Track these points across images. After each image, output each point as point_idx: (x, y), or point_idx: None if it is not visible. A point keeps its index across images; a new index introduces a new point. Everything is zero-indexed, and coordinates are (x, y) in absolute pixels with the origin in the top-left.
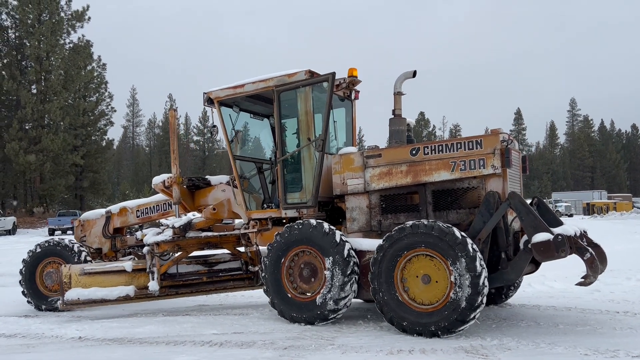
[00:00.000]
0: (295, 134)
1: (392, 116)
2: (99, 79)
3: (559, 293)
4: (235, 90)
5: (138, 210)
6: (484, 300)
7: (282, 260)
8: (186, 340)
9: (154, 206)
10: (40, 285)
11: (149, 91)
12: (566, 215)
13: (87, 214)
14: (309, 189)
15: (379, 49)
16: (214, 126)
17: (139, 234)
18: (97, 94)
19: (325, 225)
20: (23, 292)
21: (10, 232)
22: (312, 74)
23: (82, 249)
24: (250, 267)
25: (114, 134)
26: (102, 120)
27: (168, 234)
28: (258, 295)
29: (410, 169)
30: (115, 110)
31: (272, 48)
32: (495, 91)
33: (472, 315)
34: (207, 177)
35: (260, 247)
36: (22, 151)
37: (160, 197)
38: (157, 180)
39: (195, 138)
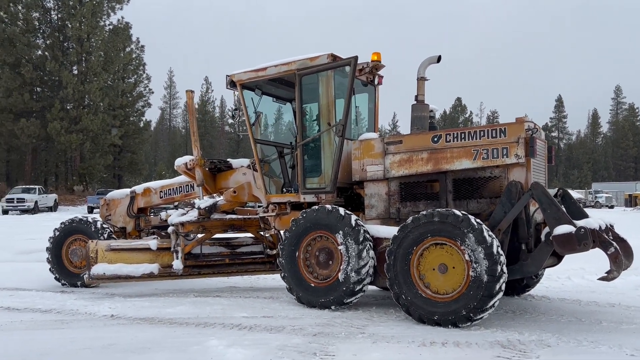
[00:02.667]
0: (316, 119)
1: (415, 102)
2: (137, 61)
3: (600, 288)
4: (258, 73)
5: (161, 191)
6: (505, 269)
7: (297, 253)
8: (216, 322)
9: (176, 187)
10: (67, 262)
11: (186, 73)
12: (606, 206)
13: (113, 194)
14: (328, 175)
15: (417, 35)
16: (236, 109)
17: (163, 214)
18: (135, 76)
19: (327, 206)
20: (50, 270)
21: (52, 208)
22: (334, 57)
23: (105, 226)
24: (268, 250)
25: (152, 115)
26: (140, 102)
27: (193, 215)
28: None
29: (431, 156)
30: (152, 92)
31: (311, 31)
32: (536, 78)
33: (497, 287)
34: (228, 159)
35: (281, 232)
36: (64, 130)
37: (183, 178)
38: (179, 162)
39: (230, 121)
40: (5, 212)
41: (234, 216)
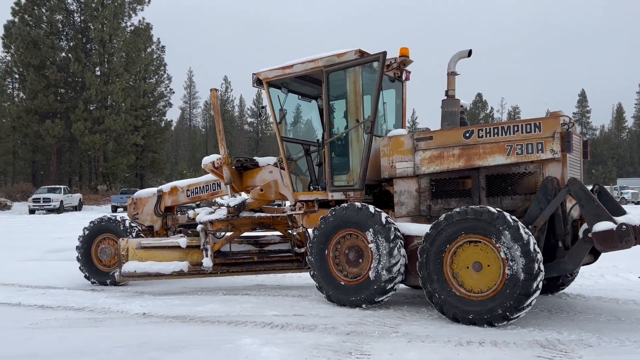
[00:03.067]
0: (343, 116)
1: (445, 97)
2: (157, 61)
3: (637, 286)
4: (284, 71)
5: (188, 190)
6: (542, 267)
7: (326, 251)
8: (247, 320)
9: (203, 186)
10: (96, 261)
11: (205, 73)
12: (633, 202)
13: (140, 193)
14: (356, 172)
15: (438, 28)
16: (263, 107)
17: (190, 212)
18: (156, 76)
19: (357, 204)
20: (80, 268)
21: (77, 208)
22: (362, 53)
23: (133, 225)
24: (296, 248)
25: (172, 115)
26: (161, 102)
27: (222, 213)
28: None
29: (463, 152)
30: (173, 92)
31: (331, 28)
32: (558, 72)
33: (534, 285)
34: (254, 158)
35: (309, 230)
36: (87, 131)
37: (209, 177)
38: (206, 160)
39: (249, 120)
40: (32, 211)
41: (262, 214)
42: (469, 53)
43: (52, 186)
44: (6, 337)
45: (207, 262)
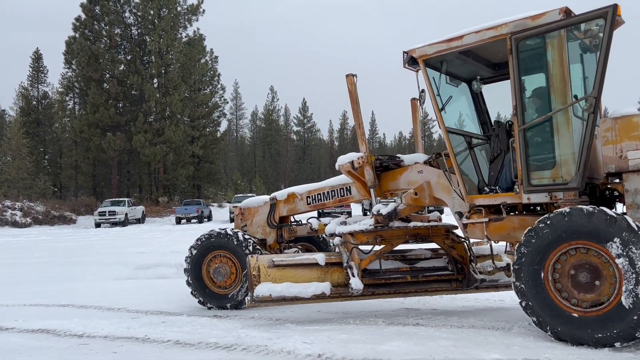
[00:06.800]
0: (533, 95)
1: None
2: (211, 72)
3: None
4: (450, 44)
5: (309, 197)
6: None
7: (542, 274)
8: None
9: (328, 192)
10: (209, 282)
11: (250, 84)
12: None
13: (248, 201)
14: (568, 166)
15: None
16: (422, 91)
17: (314, 222)
18: (210, 87)
19: (585, 207)
20: (192, 293)
21: (140, 220)
22: (568, 13)
23: (247, 237)
24: (474, 268)
25: (221, 126)
26: (216, 112)
27: (367, 223)
28: (462, 297)
29: None
30: (227, 102)
31: (366, 44)
32: (620, 65)
33: None
34: (398, 155)
35: (493, 243)
36: (148, 143)
37: (335, 181)
38: (343, 160)
39: (295, 129)
40: (97, 225)
41: (418, 224)
42: None
43: (117, 199)
44: None
45: (356, 283)
